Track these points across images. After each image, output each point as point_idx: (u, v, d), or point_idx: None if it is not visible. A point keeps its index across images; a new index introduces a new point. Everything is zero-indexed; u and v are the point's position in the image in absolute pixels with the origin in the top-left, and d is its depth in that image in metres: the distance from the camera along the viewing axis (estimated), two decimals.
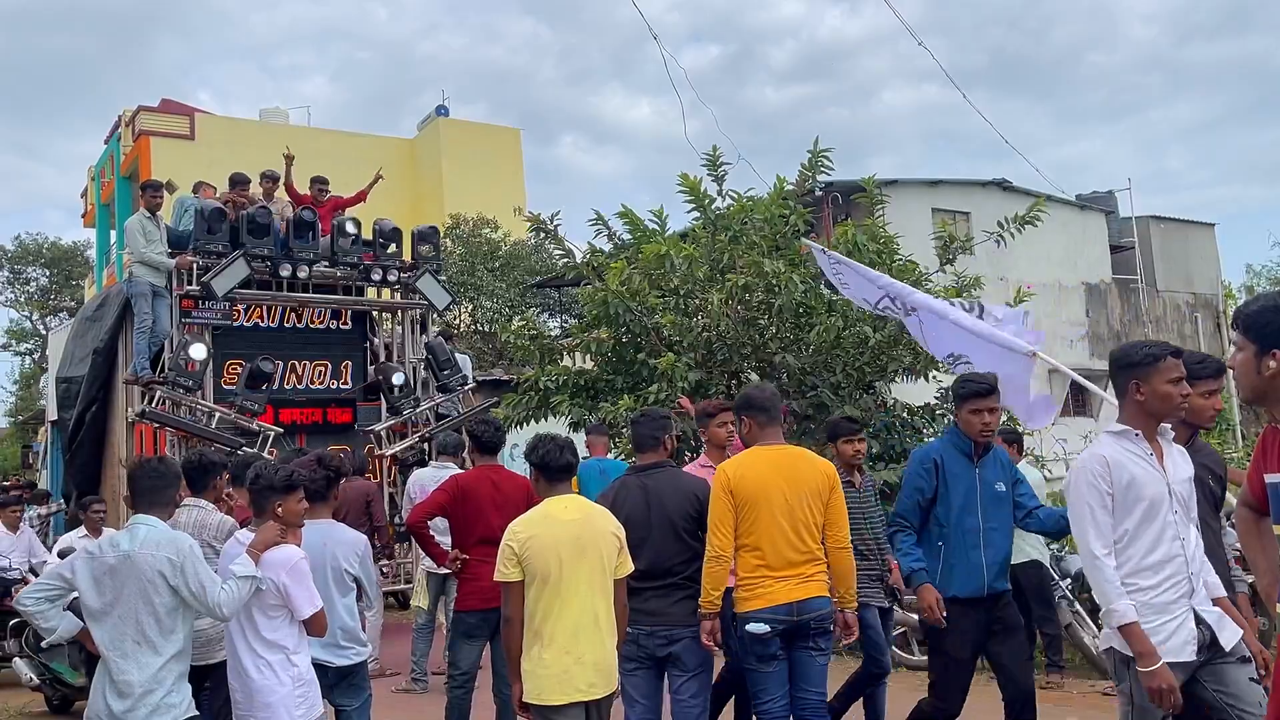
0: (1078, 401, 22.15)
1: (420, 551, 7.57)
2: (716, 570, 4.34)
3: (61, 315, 38.42)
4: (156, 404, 9.06)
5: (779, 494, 4.35)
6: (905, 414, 10.01)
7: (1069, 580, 8.08)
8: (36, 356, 40.17)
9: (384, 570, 9.50)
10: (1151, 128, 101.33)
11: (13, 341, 43.43)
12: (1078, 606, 7.96)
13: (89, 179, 33.98)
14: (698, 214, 10.27)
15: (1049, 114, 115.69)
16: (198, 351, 9.14)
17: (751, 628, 4.30)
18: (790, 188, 9.95)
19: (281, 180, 10.87)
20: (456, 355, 11.31)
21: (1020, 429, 9.15)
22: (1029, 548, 7.73)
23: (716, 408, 5.57)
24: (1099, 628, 7.66)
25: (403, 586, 10.31)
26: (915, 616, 8.30)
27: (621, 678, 4.31)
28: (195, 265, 9.61)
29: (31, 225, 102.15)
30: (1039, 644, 7.88)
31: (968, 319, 6.36)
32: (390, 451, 10.26)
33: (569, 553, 4.02)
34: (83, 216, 35.19)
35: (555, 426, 9.28)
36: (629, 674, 4.41)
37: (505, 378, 15.68)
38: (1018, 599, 7.75)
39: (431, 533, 5.78)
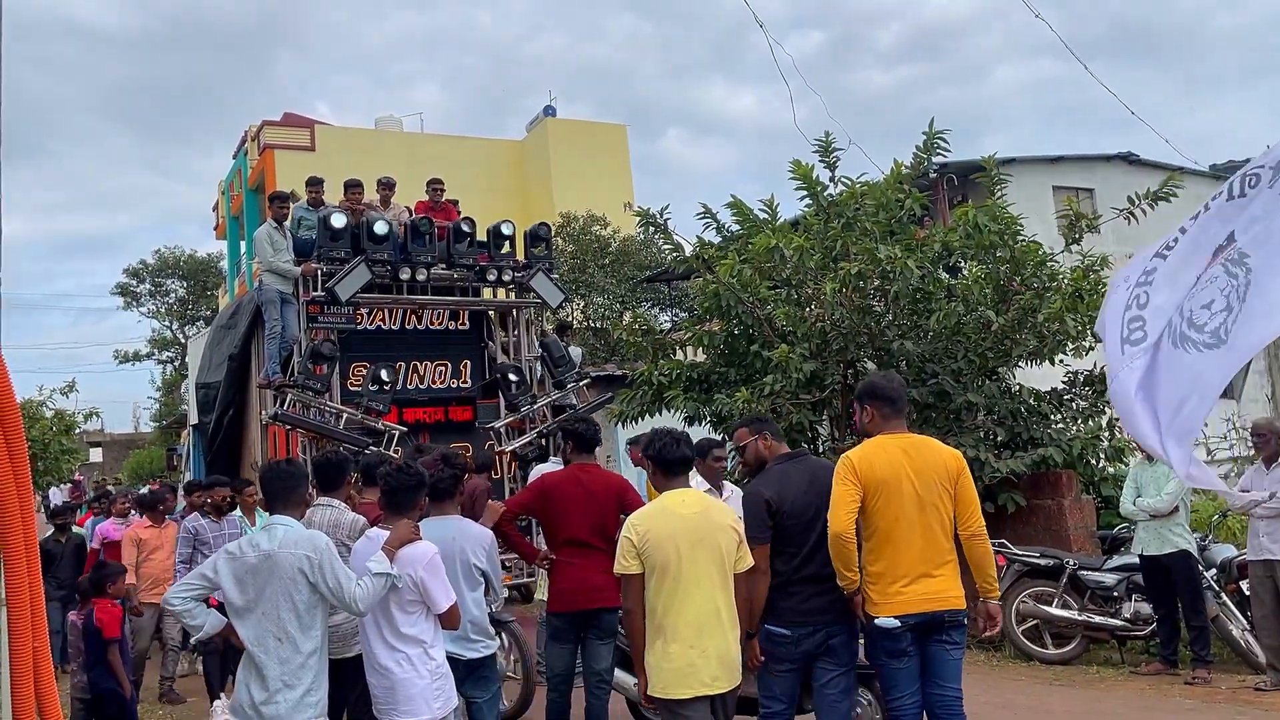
0: None
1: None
2: (839, 550, 4.16)
3: (199, 324, 40.53)
4: (288, 407, 9.41)
5: (909, 483, 4.21)
6: (1032, 400, 9.65)
7: (1214, 570, 7.66)
8: (177, 364, 42.43)
9: (506, 565, 9.65)
10: None
11: (155, 350, 46.05)
12: (1224, 598, 7.54)
13: (219, 193, 35.60)
14: (810, 201, 10.10)
15: (1175, 83, 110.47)
16: (327, 349, 9.45)
17: (881, 622, 4.19)
18: (906, 171, 9.69)
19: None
20: (570, 349, 11.45)
21: None
22: (1176, 538, 7.38)
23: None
24: (1248, 620, 7.29)
25: (525, 580, 10.47)
26: (1045, 607, 8.02)
27: (766, 676, 4.28)
28: (320, 272, 9.95)
29: (169, 240, 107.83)
30: (1184, 637, 7.51)
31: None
32: (510, 448, 10.43)
33: (687, 545, 4.02)
34: (215, 229, 36.94)
35: (670, 421, 9.28)
36: (780, 675, 4.33)
37: (619, 373, 15.77)
38: (1166, 590, 7.44)
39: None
